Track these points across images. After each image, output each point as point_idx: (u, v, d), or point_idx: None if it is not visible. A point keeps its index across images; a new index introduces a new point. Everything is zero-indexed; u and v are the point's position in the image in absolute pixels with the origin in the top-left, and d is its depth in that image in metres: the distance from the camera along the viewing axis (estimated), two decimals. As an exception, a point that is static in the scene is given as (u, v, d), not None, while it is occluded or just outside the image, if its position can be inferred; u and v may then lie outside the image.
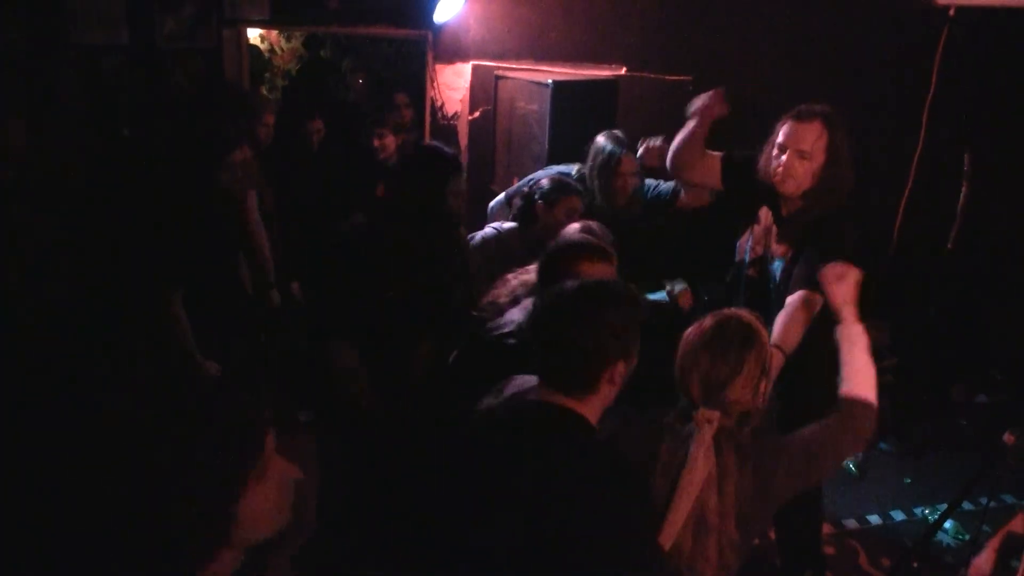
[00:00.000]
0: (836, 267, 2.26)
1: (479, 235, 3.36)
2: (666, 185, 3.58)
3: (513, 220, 3.34)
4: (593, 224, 2.68)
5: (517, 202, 3.33)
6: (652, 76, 4.73)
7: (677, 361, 1.93)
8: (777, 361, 2.41)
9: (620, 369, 1.72)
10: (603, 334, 1.69)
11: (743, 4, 4.83)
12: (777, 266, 2.85)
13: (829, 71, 4.74)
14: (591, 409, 1.72)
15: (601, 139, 3.51)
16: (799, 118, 2.64)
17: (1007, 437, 2.55)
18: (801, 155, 2.62)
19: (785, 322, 2.60)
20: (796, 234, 2.76)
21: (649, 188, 3.63)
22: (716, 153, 2.94)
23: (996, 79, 4.65)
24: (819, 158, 2.63)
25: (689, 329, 1.96)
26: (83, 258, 3.42)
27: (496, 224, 3.40)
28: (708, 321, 1.93)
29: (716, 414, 1.86)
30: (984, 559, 2.44)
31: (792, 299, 2.64)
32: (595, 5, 4.77)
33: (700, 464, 1.81)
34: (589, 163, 3.49)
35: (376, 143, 4.39)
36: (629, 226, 3.27)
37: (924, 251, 4.95)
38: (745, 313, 1.96)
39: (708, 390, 1.88)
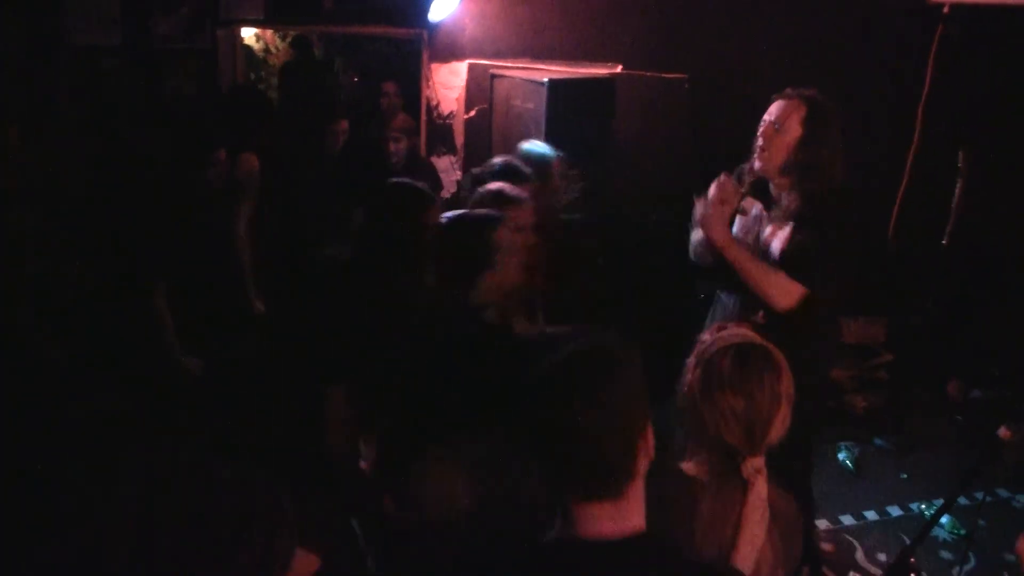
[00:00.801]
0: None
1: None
2: None
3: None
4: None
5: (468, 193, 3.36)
6: (648, 74, 4.73)
7: (699, 409, 1.66)
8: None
9: (650, 434, 1.40)
10: (619, 409, 1.33)
11: (739, 3, 4.84)
12: (775, 248, 2.82)
13: (825, 69, 4.73)
14: (635, 505, 1.36)
15: (534, 145, 3.50)
16: (780, 95, 2.74)
17: (1002, 432, 2.55)
18: (775, 126, 2.69)
19: (767, 268, 2.69)
20: (788, 214, 2.77)
21: None
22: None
23: (990, 76, 4.67)
24: (794, 131, 2.67)
25: (697, 372, 1.69)
26: (83, 262, 3.43)
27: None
28: (727, 361, 1.66)
29: (762, 460, 1.66)
30: None
31: (786, 278, 2.68)
32: (591, 3, 4.78)
33: (760, 526, 1.63)
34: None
35: (392, 147, 4.37)
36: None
37: (920, 247, 4.97)
38: (755, 336, 1.74)
39: (751, 435, 1.64)
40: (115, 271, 3.38)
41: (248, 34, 6.25)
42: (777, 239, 2.79)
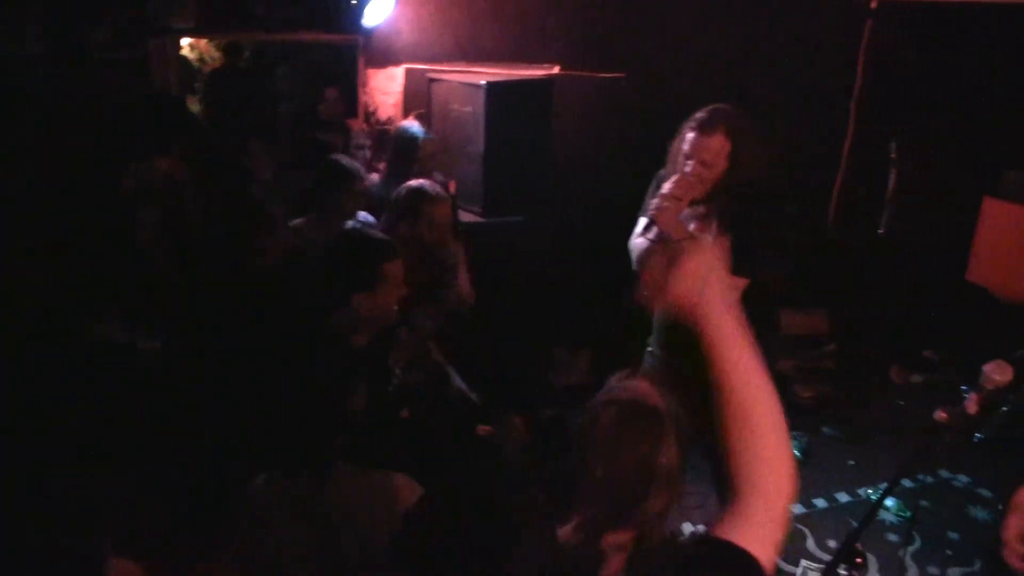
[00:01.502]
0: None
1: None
2: None
3: None
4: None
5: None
6: (586, 74, 4.75)
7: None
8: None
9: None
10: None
11: (674, 1, 4.89)
12: None
13: (759, 66, 4.82)
14: None
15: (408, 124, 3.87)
16: (702, 130, 2.74)
17: (938, 415, 2.61)
18: (704, 164, 2.75)
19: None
20: (713, 212, 2.82)
21: None
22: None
23: (918, 68, 4.79)
24: (721, 165, 2.74)
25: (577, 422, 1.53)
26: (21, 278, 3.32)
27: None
28: (605, 419, 1.48)
29: (629, 536, 1.47)
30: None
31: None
32: (527, 5, 4.78)
33: None
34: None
35: (369, 155, 4.41)
36: None
37: (858, 238, 5.08)
38: (651, 395, 1.53)
39: (613, 507, 1.46)
40: (52, 294, 3.27)
41: (184, 43, 6.14)
42: (708, 235, 2.83)
